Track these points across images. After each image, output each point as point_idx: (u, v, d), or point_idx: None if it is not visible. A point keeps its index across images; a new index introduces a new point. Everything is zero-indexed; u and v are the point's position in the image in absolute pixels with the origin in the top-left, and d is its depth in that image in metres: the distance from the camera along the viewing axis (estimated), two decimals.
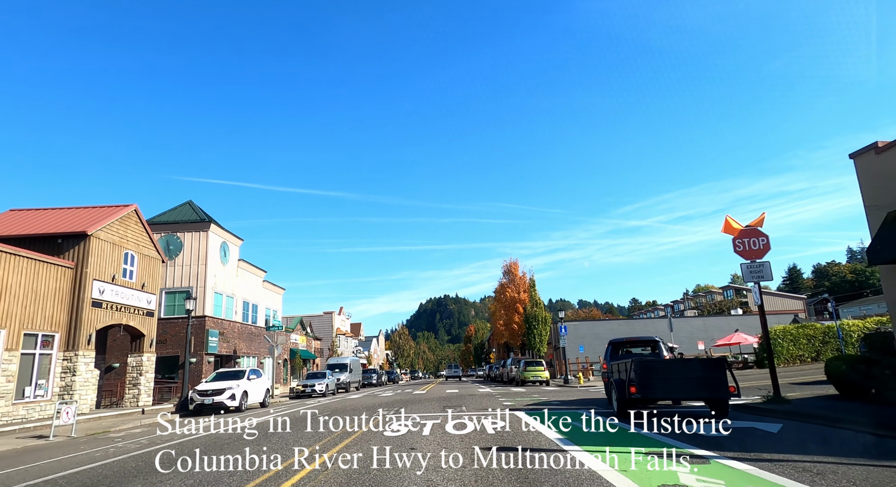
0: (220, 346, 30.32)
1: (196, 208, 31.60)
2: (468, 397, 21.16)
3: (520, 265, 55.11)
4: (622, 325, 47.37)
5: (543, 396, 19.98)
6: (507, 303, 53.30)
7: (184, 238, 29.95)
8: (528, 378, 33.08)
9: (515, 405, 16.07)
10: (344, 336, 64.74)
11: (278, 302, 42.28)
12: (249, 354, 35.12)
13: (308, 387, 32.47)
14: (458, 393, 24.45)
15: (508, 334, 53.75)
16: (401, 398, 22.95)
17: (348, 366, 41.20)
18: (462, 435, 9.35)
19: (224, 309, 31.68)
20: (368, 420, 12.31)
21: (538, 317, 44.88)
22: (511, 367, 39.47)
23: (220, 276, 31.26)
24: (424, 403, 18.36)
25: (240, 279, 34.55)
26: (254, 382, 21.27)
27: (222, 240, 31.98)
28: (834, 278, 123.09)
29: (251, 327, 35.37)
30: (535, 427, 10.03)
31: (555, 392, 23.13)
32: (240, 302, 34.29)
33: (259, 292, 37.99)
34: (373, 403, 19.84)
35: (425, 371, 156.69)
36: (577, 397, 18.89)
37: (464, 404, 17.17)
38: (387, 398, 23.42)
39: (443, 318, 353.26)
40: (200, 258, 29.71)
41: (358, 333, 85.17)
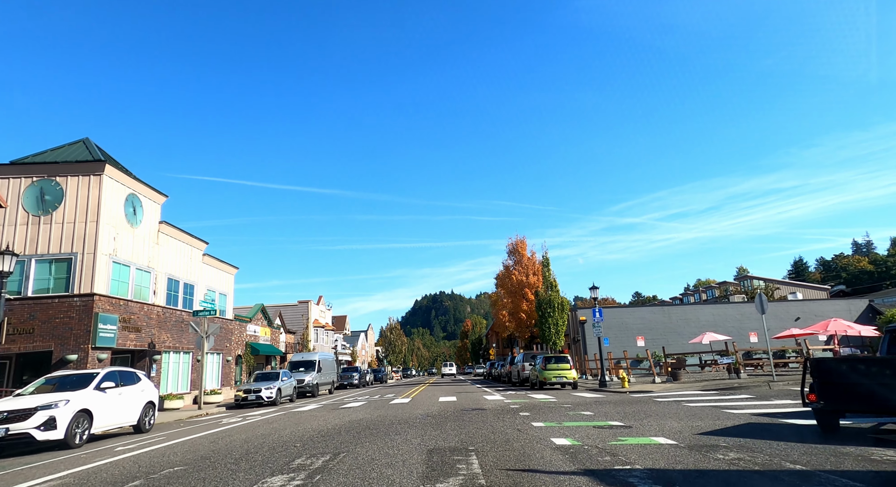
0: (124, 337, 21.63)
1: (92, 146, 22.79)
2: (473, 415, 12.64)
3: (527, 243, 46.59)
4: (656, 314, 38.82)
5: (602, 412, 11.50)
6: (512, 289, 44.76)
7: (66, 184, 21.16)
8: (550, 378, 24.67)
9: (591, 450, 7.48)
10: (323, 329, 56.00)
11: (228, 285, 33.54)
12: (178, 349, 26.40)
13: (251, 393, 23.86)
14: (456, 405, 15.93)
15: (515, 325, 45.26)
16: (365, 416, 14.37)
17: (316, 364, 32.57)
18: None
19: (132, 286, 22.94)
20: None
21: (554, 303, 36.32)
22: (523, 364, 30.96)
23: (124, 241, 22.51)
24: (394, 435, 9.79)
25: (163, 248, 25.80)
26: (110, 395, 12.58)
27: (129, 192, 23.19)
28: (851, 269, 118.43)
29: (182, 313, 26.68)
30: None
31: (606, 401, 14.67)
32: (162, 280, 25.53)
33: (196, 268, 29.23)
34: (300, 434, 11.28)
35: (420, 368, 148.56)
36: (687, 420, 10.31)
37: (469, 438, 8.65)
38: (341, 420, 14.87)
39: (438, 315, 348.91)
40: (90, 213, 20.95)
41: (342, 327, 76.44)
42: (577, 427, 9.76)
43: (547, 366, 25.07)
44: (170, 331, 25.66)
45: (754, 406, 12.20)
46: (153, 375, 24.09)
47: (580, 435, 8.59)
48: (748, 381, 20.20)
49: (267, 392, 23.99)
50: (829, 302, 39.18)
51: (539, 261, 44.13)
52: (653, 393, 18.41)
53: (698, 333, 35.93)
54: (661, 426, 9.38)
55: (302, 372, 31.60)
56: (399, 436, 9.52)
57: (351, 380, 44.51)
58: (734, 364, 22.28)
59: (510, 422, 10.95)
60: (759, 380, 20.08)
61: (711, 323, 36.97)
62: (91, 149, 22.40)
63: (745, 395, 15.28)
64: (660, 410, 12.19)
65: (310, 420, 14.09)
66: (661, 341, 37.40)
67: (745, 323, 37.30)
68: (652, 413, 11.69)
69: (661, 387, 20.67)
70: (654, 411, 12.05)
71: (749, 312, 37.86)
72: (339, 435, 10.06)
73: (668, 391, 19.02)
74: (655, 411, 12.04)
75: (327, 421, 13.26)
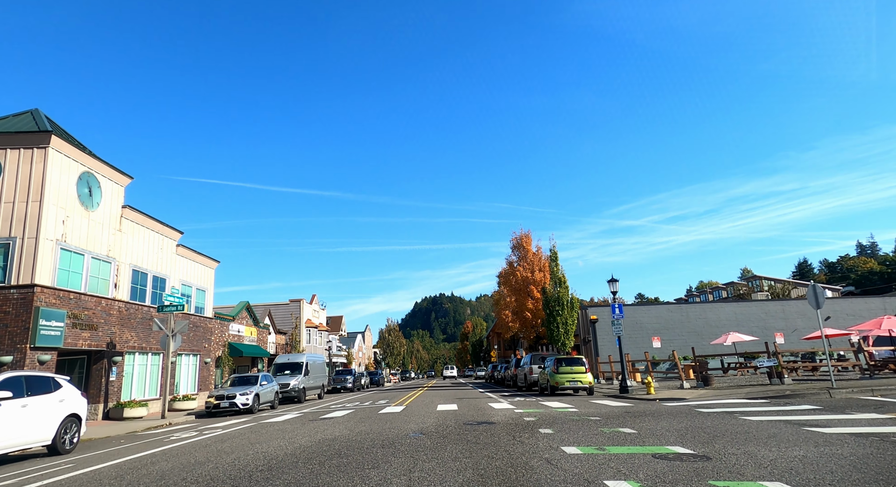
0: (74, 336, 18.75)
1: (41, 117, 19.91)
2: (479, 432, 9.78)
3: (532, 238, 43.71)
4: (674, 312, 35.87)
5: (648, 431, 8.58)
6: (517, 286, 41.86)
7: (5, 159, 18.28)
8: (563, 382, 21.86)
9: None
10: (316, 329, 53.06)
11: (208, 279, 30.65)
12: (145, 349, 23.54)
13: (224, 400, 21.00)
14: (457, 416, 13.03)
15: (519, 325, 42.34)
16: (342, 432, 11.49)
17: (303, 366, 29.68)
18: None
19: (87, 277, 20.07)
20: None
21: (562, 301, 33.41)
22: (530, 367, 28.11)
23: (76, 225, 19.65)
24: (369, 468, 6.88)
25: (128, 236, 22.94)
26: (6, 408, 9.67)
27: (84, 170, 20.32)
28: (860, 270, 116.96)
29: (150, 309, 23.81)
30: None
31: (640, 413, 11.78)
32: (125, 271, 22.66)
33: (168, 260, 26.36)
34: (244, 463, 8.42)
35: (419, 370, 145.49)
36: (779, 447, 7.39)
37: (479, 477, 5.79)
38: (310, 438, 12.00)
39: (438, 317, 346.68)
40: (32, 192, 18.07)
41: (338, 328, 73.48)
42: (628, 456, 6.89)
43: (559, 369, 22.24)
44: (135, 330, 22.79)
45: (839, 421, 9.33)
46: (112, 379, 21.21)
47: (646, 474, 5.72)
48: (798, 388, 17.31)
49: (242, 398, 21.12)
50: (860, 300, 36.25)
51: (546, 257, 41.28)
52: (689, 402, 15.53)
53: (719, 333, 33.07)
54: (755, 457, 6.50)
55: (287, 376, 28.73)
56: (376, 471, 6.65)
57: (344, 384, 41.62)
58: (776, 367, 19.38)
59: (531, 446, 8.09)
60: (810, 387, 17.19)
61: (733, 323, 34.08)
62: (38, 120, 19.54)
63: (810, 406, 12.39)
64: (720, 428, 9.31)
65: (273, 438, 11.20)
66: (678, 342, 34.51)
67: (770, 322, 34.37)
68: (716, 432, 8.81)
69: (693, 394, 17.80)
70: (715, 429, 9.17)
71: (774, 310, 34.98)
72: (292, 469, 7.18)
73: (703, 399, 16.16)
74: (716, 429, 9.16)
75: (292, 441, 10.37)
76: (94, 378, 20.68)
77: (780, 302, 36.01)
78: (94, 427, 17.66)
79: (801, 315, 33.96)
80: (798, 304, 35.16)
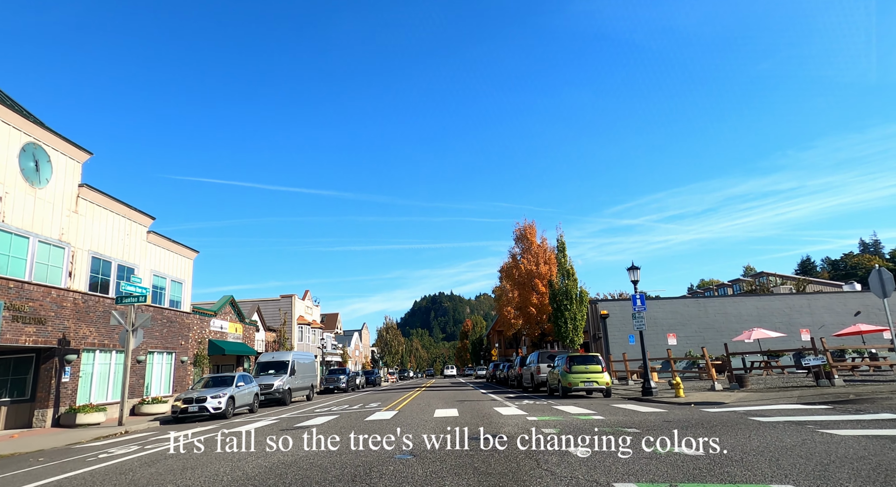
0: (15, 331, 16.18)
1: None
2: (490, 457, 7.25)
3: (537, 229, 41.12)
4: (690, 307, 33.25)
5: (715, 456, 6.07)
6: (520, 280, 39.26)
7: None
8: (577, 383, 19.35)
9: None
10: (309, 326, 50.46)
11: (185, 271, 28.04)
12: (107, 347, 20.97)
13: (193, 403, 18.42)
14: (459, 425, 10.43)
15: (523, 321, 39.78)
16: (301, 455, 8.92)
17: (289, 365, 27.12)
18: None
19: (31, 264, 17.48)
20: None
21: (571, 294, 30.85)
22: (538, 366, 25.56)
23: (19, 203, 17.06)
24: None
25: (86, 219, 20.35)
26: None
27: (29, 141, 17.71)
28: (867, 267, 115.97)
29: (113, 302, 21.23)
30: None
31: (681, 422, 9.19)
32: (82, 258, 20.08)
33: (137, 248, 23.78)
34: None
35: (418, 369, 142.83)
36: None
37: None
38: (257, 466, 9.40)
39: (438, 316, 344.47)
40: None
41: (333, 325, 70.90)
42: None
43: (572, 368, 19.73)
44: (95, 325, 20.22)
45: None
46: (66, 381, 18.63)
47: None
48: (856, 390, 14.80)
49: (214, 401, 18.56)
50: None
51: (552, 248, 38.73)
52: (733, 407, 12.99)
53: (740, 329, 30.55)
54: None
55: (271, 375, 26.18)
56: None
57: (337, 384, 39.09)
58: (825, 366, 16.86)
59: (568, 480, 5.53)
60: (874, 390, 14.68)
61: (755, 318, 31.54)
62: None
63: (891, 415, 9.84)
64: (814, 449, 6.75)
65: (215, 460, 8.64)
66: (696, 339, 31.99)
67: (795, 317, 31.83)
68: (814, 456, 6.26)
69: (731, 397, 15.27)
70: (809, 451, 6.61)
71: (799, 305, 32.41)
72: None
73: (747, 403, 13.65)
74: (810, 451, 6.60)
75: (237, 466, 7.82)
76: (42, 379, 18.11)
77: (806, 297, 33.38)
78: (33, 436, 15.11)
79: (829, 310, 31.43)
80: (825, 299, 32.56)
